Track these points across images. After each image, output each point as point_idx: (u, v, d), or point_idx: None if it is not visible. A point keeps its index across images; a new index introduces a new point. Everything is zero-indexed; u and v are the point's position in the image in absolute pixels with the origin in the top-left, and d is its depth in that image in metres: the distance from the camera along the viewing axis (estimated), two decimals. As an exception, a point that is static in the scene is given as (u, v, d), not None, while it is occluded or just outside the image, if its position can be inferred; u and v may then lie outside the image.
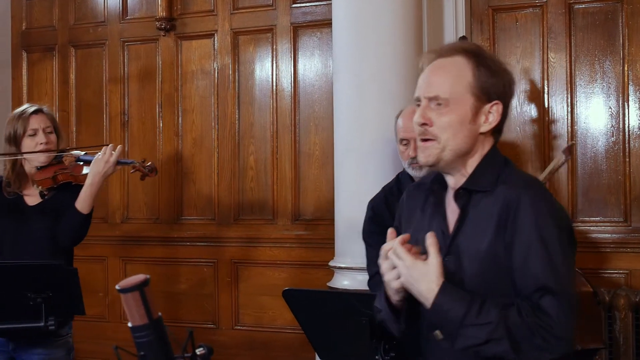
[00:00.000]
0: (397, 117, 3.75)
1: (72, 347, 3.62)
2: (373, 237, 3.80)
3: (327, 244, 5.12)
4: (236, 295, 5.48)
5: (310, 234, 5.28)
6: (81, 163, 3.61)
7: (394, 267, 2.10)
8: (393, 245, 2.09)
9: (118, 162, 3.57)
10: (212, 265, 5.54)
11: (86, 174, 3.52)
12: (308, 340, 3.14)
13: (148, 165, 3.74)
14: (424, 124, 2.14)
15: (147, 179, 3.87)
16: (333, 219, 5.16)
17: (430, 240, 2.04)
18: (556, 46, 4.77)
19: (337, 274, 4.57)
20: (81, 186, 3.51)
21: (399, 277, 2.09)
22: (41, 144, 3.56)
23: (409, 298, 2.13)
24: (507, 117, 2.21)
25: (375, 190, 4.38)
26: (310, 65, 5.34)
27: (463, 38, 4.53)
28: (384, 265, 2.14)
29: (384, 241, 3.77)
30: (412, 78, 4.39)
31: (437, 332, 2.06)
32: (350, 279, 4.46)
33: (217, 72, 5.57)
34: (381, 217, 3.79)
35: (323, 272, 5.18)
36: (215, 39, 5.57)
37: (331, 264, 4.60)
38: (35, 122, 3.58)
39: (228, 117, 5.52)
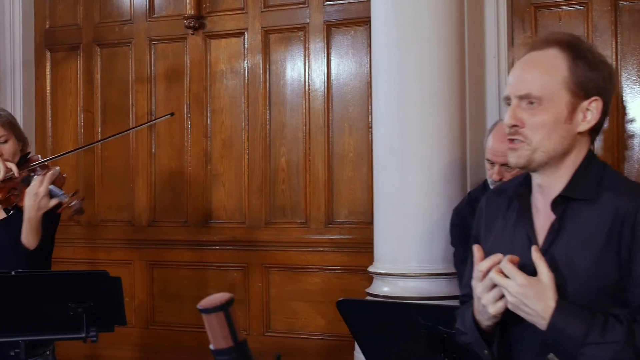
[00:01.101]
0: (490, 130, 3.66)
1: None
2: (460, 245, 3.70)
3: (363, 248, 5.00)
4: (267, 300, 5.34)
5: (345, 237, 5.14)
6: (26, 185, 3.21)
7: (492, 288, 1.93)
8: (495, 264, 1.92)
9: (50, 193, 3.14)
10: (243, 269, 5.40)
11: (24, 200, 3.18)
12: (362, 353, 3.00)
13: (73, 205, 3.17)
14: (514, 126, 1.98)
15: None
16: (368, 223, 5.05)
17: (537, 255, 1.88)
18: (601, 44, 4.61)
19: (376, 280, 4.44)
20: None
21: (498, 299, 1.93)
22: None
23: (501, 322, 1.98)
24: (607, 115, 2.03)
25: (417, 194, 4.27)
26: (344, 65, 5.20)
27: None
28: (479, 287, 1.97)
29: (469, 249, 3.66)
30: (456, 75, 4.31)
31: (551, 356, 1.88)
32: (390, 286, 4.34)
33: (247, 72, 5.43)
34: (466, 225, 3.68)
35: (358, 277, 5.06)
36: (246, 37, 5.43)
37: (370, 269, 4.46)
38: None
39: (259, 117, 5.38)
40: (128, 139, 5.72)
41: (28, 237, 3.19)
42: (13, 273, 2.89)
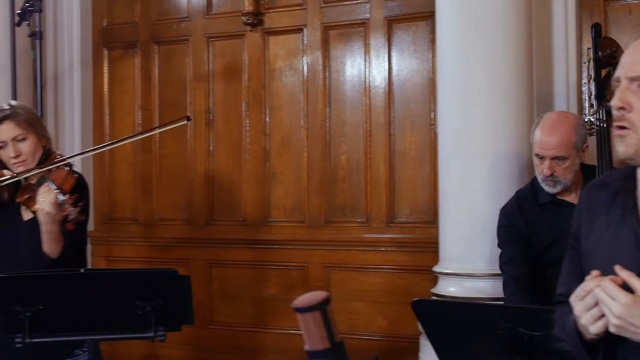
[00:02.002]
0: (536, 124, 3.54)
1: None
2: (507, 246, 3.59)
3: (425, 247, 4.91)
4: (327, 300, 5.25)
5: (407, 237, 5.04)
6: (38, 189, 3.11)
7: (592, 307, 1.81)
8: (597, 285, 1.78)
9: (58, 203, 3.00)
10: (302, 269, 5.33)
11: (35, 203, 3.08)
12: (436, 354, 2.90)
13: (69, 212, 2.99)
14: (621, 108, 1.84)
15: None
16: (430, 222, 4.96)
17: (626, 274, 1.74)
18: (674, 37, 4.46)
19: (441, 280, 4.34)
20: None
21: (597, 319, 1.80)
22: (12, 157, 3.18)
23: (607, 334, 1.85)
24: None
25: (484, 192, 4.16)
26: (406, 61, 5.10)
27: (596, 25, 4.17)
28: (578, 305, 1.84)
29: (517, 250, 3.53)
30: (523, 70, 4.18)
31: None
32: (456, 286, 4.24)
33: (306, 69, 5.35)
34: (514, 226, 3.57)
35: (421, 277, 4.96)
36: (305, 34, 5.35)
37: (435, 269, 4.37)
38: (2, 133, 3.16)
39: (318, 115, 5.30)
40: (185, 137, 5.69)
41: (51, 247, 3.14)
42: (82, 271, 2.84)
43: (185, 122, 3.35)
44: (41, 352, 3.03)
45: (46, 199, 3.00)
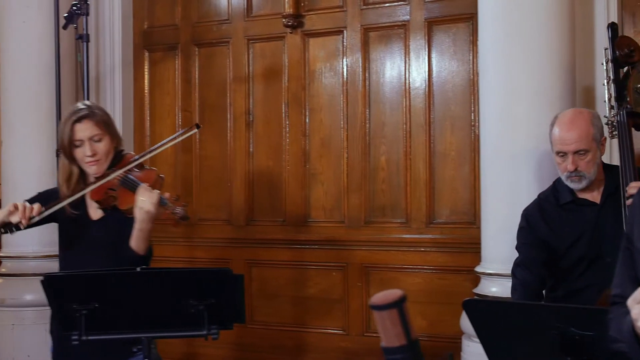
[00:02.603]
0: (552, 123, 3.55)
1: None
2: (522, 248, 3.61)
3: (466, 248, 4.94)
4: (367, 300, 5.29)
5: (447, 237, 5.06)
6: (126, 187, 3.17)
7: None
8: None
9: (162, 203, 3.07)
10: (342, 269, 5.37)
11: (130, 202, 3.12)
12: (486, 354, 2.92)
13: (178, 212, 3.11)
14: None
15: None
16: (471, 222, 4.98)
17: None
18: None
19: (484, 280, 4.36)
20: None
21: None
22: (87, 156, 3.20)
23: None
24: None
25: (528, 193, 4.16)
26: (446, 62, 5.12)
27: (612, 25, 4.19)
28: (635, 309, 1.84)
29: (533, 253, 3.54)
30: (566, 70, 4.19)
31: None
32: (498, 286, 4.26)
33: (346, 70, 5.39)
34: (534, 228, 3.59)
35: (461, 277, 4.99)
36: (344, 35, 5.39)
37: (478, 269, 4.39)
38: (80, 132, 3.17)
39: (358, 116, 5.34)
40: (225, 139, 5.75)
41: (139, 244, 3.17)
42: (138, 269, 2.89)
43: (196, 130, 3.40)
44: (104, 351, 3.09)
45: (147, 199, 3.05)
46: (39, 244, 5.59)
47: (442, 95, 5.11)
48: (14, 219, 3.11)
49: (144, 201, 3.06)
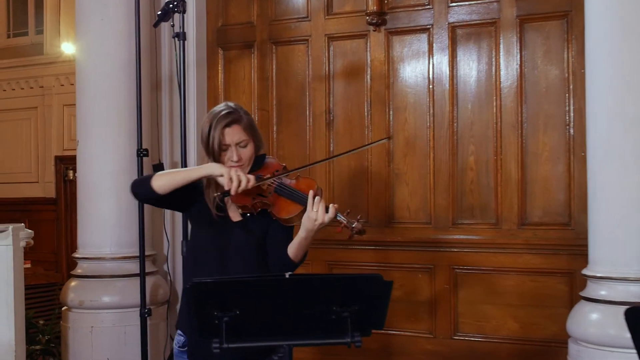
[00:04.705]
0: None
1: None
2: None
3: (560, 250, 4.88)
4: (455, 303, 5.20)
5: (540, 239, 4.96)
6: (281, 195, 3.14)
7: None
8: None
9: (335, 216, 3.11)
10: (429, 271, 5.27)
11: (291, 212, 3.12)
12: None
13: (354, 226, 3.16)
14: None
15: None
16: (566, 224, 4.91)
17: None
18: None
19: (591, 284, 4.27)
20: None
21: None
22: (232, 161, 3.15)
23: None
24: None
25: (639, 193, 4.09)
26: (538, 61, 5.01)
27: None
28: None
29: None
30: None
31: None
32: (607, 289, 4.17)
33: (432, 69, 5.29)
34: None
35: (555, 280, 4.92)
36: (431, 33, 5.29)
37: (585, 272, 4.29)
38: (228, 137, 3.14)
39: (445, 115, 5.24)
40: (305, 138, 5.66)
41: (299, 252, 3.21)
42: (287, 276, 2.81)
43: (386, 140, 3.36)
44: (240, 356, 3.02)
45: (321, 211, 3.06)
46: (117, 245, 5.54)
47: (535, 94, 5.01)
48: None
49: (317, 213, 3.06)
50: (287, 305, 2.86)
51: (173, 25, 4.98)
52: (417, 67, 5.35)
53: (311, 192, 3.09)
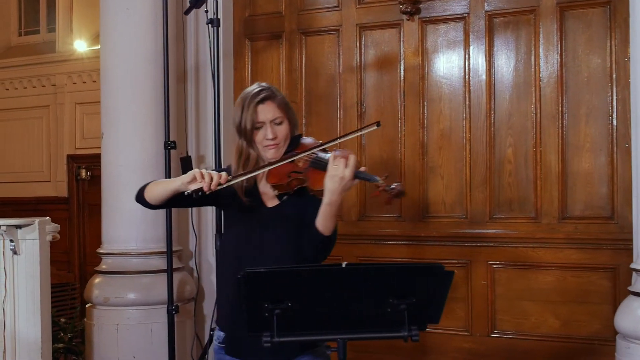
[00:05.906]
0: None
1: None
2: None
3: (603, 244, 4.74)
4: (492, 299, 5.05)
5: (582, 233, 4.81)
6: (316, 168, 2.96)
7: None
8: None
9: (356, 176, 2.84)
10: (465, 266, 5.12)
11: (320, 183, 2.88)
12: None
13: (393, 188, 2.90)
14: None
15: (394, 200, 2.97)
16: (608, 217, 4.78)
17: None
18: None
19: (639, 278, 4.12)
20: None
21: None
22: (268, 139, 3.01)
23: None
24: None
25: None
26: (579, 49, 4.86)
27: None
28: None
29: None
30: None
31: None
32: (657, 284, 4.02)
33: (468, 58, 5.14)
34: None
35: (597, 275, 4.78)
36: (467, 22, 5.14)
37: (634, 266, 4.14)
38: (262, 114, 2.99)
39: (482, 107, 5.09)
40: (335, 130, 5.51)
41: (326, 222, 2.94)
42: (344, 265, 2.65)
43: (376, 127, 3.14)
44: (275, 349, 2.86)
45: (341, 165, 2.79)
46: (143, 240, 5.40)
47: (576, 84, 4.86)
48: (193, 187, 2.87)
49: (337, 168, 2.80)
50: (341, 297, 2.72)
51: (207, 11, 4.84)
52: (453, 57, 5.20)
53: (332, 153, 2.87)
